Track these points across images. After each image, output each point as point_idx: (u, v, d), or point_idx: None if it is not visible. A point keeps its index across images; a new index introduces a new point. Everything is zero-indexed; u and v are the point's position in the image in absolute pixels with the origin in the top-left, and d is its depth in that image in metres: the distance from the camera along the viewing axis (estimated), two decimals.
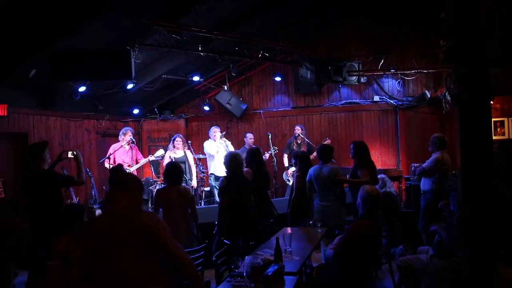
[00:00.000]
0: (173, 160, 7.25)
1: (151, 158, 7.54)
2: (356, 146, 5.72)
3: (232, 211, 5.04)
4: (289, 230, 5.03)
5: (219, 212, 5.10)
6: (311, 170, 5.66)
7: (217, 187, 7.54)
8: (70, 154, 4.86)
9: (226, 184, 5.10)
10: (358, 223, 3.75)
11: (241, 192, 5.13)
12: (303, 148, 8.09)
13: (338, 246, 3.77)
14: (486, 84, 3.24)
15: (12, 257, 3.17)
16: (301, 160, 5.87)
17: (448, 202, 4.23)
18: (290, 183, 7.96)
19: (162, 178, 7.77)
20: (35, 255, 3.96)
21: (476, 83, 3.21)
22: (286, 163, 8.27)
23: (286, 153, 8.31)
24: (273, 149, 8.09)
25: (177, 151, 7.52)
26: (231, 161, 5.20)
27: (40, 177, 4.61)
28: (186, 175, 7.36)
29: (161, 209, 4.94)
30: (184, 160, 7.48)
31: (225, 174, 5.38)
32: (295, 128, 8.31)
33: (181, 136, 7.79)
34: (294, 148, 8.15)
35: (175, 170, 4.99)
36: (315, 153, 7.90)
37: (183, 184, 5.11)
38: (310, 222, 5.82)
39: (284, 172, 8.26)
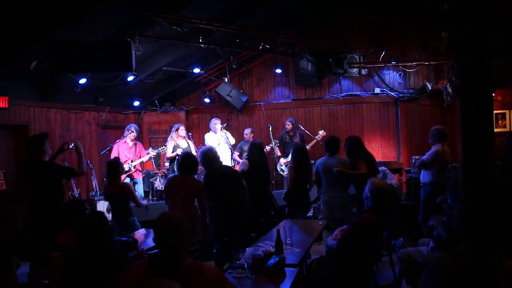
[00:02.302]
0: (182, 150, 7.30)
1: (152, 153, 7.56)
2: (348, 142, 5.75)
3: (218, 206, 5.05)
4: (289, 222, 5.05)
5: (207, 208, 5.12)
6: (318, 163, 5.67)
7: None
8: (71, 146, 4.87)
9: (205, 182, 5.11)
10: (364, 216, 3.75)
11: (224, 186, 5.08)
12: (296, 139, 8.10)
13: (342, 238, 3.77)
14: (489, 76, 3.23)
15: (14, 248, 3.18)
16: (295, 152, 5.87)
17: (446, 197, 4.23)
18: (285, 174, 7.97)
19: (163, 170, 7.82)
20: (37, 247, 3.98)
21: (479, 75, 3.20)
22: (278, 153, 8.27)
23: (278, 146, 8.30)
24: (274, 142, 8.09)
25: (181, 141, 7.51)
26: (203, 158, 5.17)
27: (40, 169, 4.62)
28: None
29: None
30: (189, 150, 7.49)
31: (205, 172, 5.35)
32: (286, 123, 8.29)
33: (183, 125, 7.80)
34: (287, 140, 8.16)
35: (186, 160, 5.00)
36: (309, 145, 7.95)
37: (194, 177, 5.10)
38: (310, 214, 5.88)
39: (278, 163, 8.27)
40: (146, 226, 5.24)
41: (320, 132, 8.12)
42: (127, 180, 7.43)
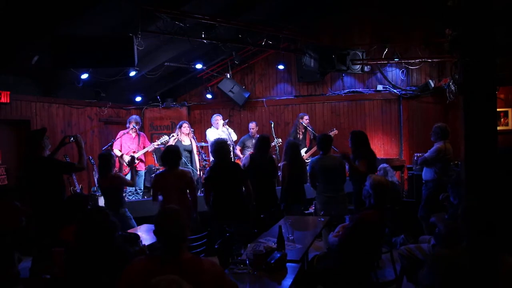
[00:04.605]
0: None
1: (156, 144, 7.55)
2: (353, 137, 5.72)
3: (218, 201, 5.04)
4: (290, 218, 5.06)
5: (206, 204, 5.10)
6: (313, 163, 5.63)
7: None
8: (71, 139, 4.89)
9: (211, 175, 5.07)
10: (367, 213, 3.75)
11: (228, 182, 5.06)
12: (307, 136, 8.10)
13: (344, 235, 3.78)
14: (492, 73, 3.21)
15: (16, 243, 3.19)
16: (287, 149, 5.85)
17: (448, 194, 4.24)
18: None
19: None
20: (39, 242, 3.99)
21: (482, 73, 3.19)
22: None
23: None
24: (276, 140, 8.08)
25: (185, 138, 7.51)
26: (218, 150, 5.12)
27: (40, 164, 4.62)
28: (192, 164, 7.41)
29: (160, 196, 4.98)
30: (191, 149, 7.51)
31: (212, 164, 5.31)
32: (305, 118, 8.17)
33: (188, 123, 7.80)
34: (300, 137, 8.14)
35: (171, 153, 5.02)
36: None
37: (181, 168, 5.15)
38: (311, 210, 5.87)
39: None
40: (143, 221, 5.27)
41: (333, 130, 8.08)
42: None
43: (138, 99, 9.17)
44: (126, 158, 7.32)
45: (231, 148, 7.76)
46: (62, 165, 5.02)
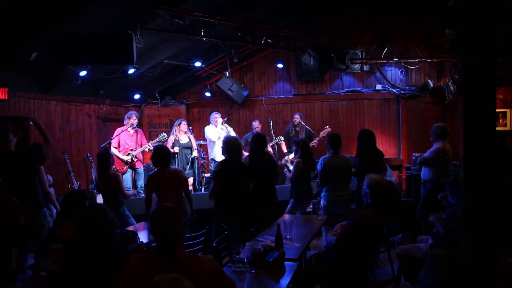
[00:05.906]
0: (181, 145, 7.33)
1: (154, 141, 7.53)
2: (359, 135, 5.78)
3: (226, 197, 5.03)
4: (289, 216, 5.06)
5: (210, 197, 5.09)
6: (324, 161, 5.64)
7: None
8: (30, 123, 4.93)
9: (221, 168, 5.07)
10: (364, 212, 3.76)
11: (237, 178, 5.07)
12: (302, 135, 8.13)
13: (342, 234, 3.78)
14: (492, 74, 3.21)
15: (14, 239, 3.18)
16: (300, 147, 5.87)
17: (446, 194, 4.25)
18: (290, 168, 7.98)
19: None
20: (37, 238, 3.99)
21: (482, 72, 3.18)
22: (285, 150, 8.31)
23: (284, 141, 8.33)
24: (276, 138, 8.08)
25: (182, 136, 7.51)
26: (230, 146, 5.14)
27: (12, 158, 4.56)
28: (194, 161, 7.44)
29: (154, 195, 4.98)
30: (190, 146, 7.51)
31: (222, 159, 5.32)
32: (295, 117, 8.41)
33: (185, 120, 7.80)
34: (291, 135, 8.25)
35: (162, 152, 5.02)
36: (315, 140, 7.96)
37: (174, 167, 5.15)
38: (309, 209, 5.88)
39: (283, 159, 8.27)
40: (141, 219, 5.26)
41: (326, 128, 8.12)
42: (129, 171, 7.45)
43: (137, 96, 9.16)
44: (125, 158, 7.30)
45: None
46: (32, 152, 4.84)
